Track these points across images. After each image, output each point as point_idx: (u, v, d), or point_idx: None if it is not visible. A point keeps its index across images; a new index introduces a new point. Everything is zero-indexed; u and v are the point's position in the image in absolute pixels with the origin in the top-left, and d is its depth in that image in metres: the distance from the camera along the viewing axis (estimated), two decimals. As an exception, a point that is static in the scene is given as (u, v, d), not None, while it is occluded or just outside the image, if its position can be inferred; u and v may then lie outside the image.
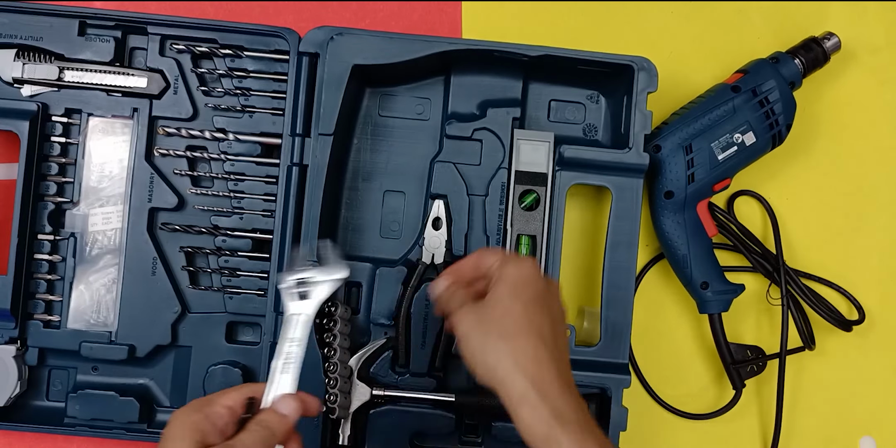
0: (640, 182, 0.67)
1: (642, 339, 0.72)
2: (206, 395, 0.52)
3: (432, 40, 0.65)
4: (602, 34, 0.74)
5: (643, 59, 0.66)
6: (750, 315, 0.74)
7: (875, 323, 0.74)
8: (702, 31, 0.75)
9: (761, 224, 0.74)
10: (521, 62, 0.67)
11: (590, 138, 0.71)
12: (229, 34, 0.67)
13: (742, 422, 0.73)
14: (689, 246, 0.69)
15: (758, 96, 0.68)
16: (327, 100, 0.65)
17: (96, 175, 0.69)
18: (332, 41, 0.65)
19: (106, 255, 0.68)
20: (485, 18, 0.74)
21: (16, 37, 0.67)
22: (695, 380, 0.74)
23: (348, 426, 0.65)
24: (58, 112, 0.68)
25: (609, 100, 0.71)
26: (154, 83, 0.68)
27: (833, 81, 0.75)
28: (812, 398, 0.73)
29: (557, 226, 0.67)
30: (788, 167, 0.74)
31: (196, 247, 0.68)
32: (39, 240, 0.67)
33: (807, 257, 0.74)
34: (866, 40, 0.75)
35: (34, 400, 0.68)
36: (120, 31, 0.68)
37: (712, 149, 0.68)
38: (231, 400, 0.50)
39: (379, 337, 0.68)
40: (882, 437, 0.74)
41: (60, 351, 0.68)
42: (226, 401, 0.50)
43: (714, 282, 0.70)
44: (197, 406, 0.50)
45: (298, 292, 0.56)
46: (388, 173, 0.70)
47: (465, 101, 0.69)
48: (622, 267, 0.66)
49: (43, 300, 0.68)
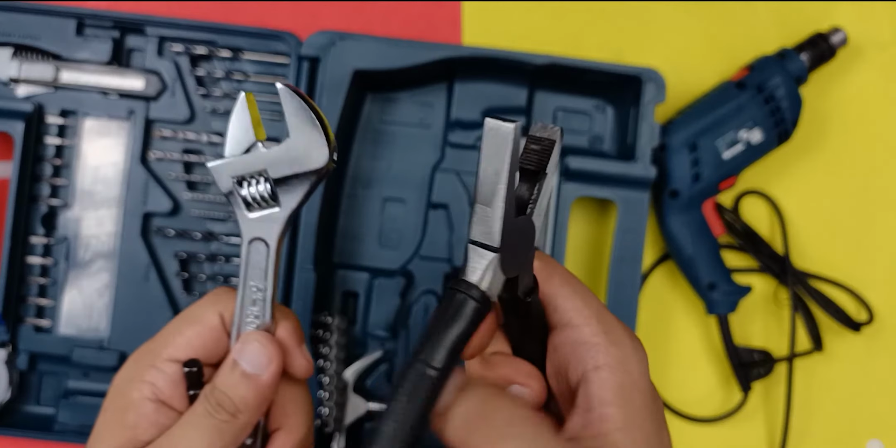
0: (646, 195, 0.65)
1: (648, 340, 0.70)
2: (154, 340, 0.41)
3: (435, 46, 0.64)
4: (606, 31, 0.73)
5: (651, 71, 0.64)
6: (758, 317, 0.73)
7: (884, 323, 0.73)
8: (708, 28, 0.74)
9: (768, 224, 0.73)
10: (527, 69, 0.65)
11: (595, 149, 0.70)
12: (228, 36, 0.66)
13: (749, 425, 0.72)
14: (694, 246, 0.68)
15: (763, 93, 0.67)
16: (327, 105, 0.63)
17: (91, 178, 0.67)
18: (334, 46, 0.63)
19: (99, 259, 0.67)
20: (485, 16, 0.72)
21: (12, 36, 0.66)
22: (701, 382, 0.72)
23: (343, 440, 0.63)
24: (53, 113, 0.66)
25: (616, 110, 0.69)
26: (151, 85, 0.66)
27: (840, 78, 0.74)
28: (820, 401, 0.72)
29: (561, 238, 0.65)
30: (795, 166, 0.73)
31: (190, 252, 0.67)
32: (32, 243, 0.66)
33: (815, 257, 0.73)
34: (874, 36, 0.74)
35: (24, 405, 0.67)
36: (118, 31, 0.67)
37: (717, 147, 0.67)
38: (185, 348, 0.40)
39: (375, 349, 0.66)
40: (890, 439, 0.73)
41: (52, 356, 0.66)
42: (176, 352, 0.40)
43: (721, 282, 0.68)
44: (134, 373, 0.40)
45: (249, 195, 0.39)
46: (388, 181, 0.68)
47: (468, 108, 0.68)
48: (626, 282, 0.65)
49: (35, 304, 0.66)
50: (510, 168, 0.32)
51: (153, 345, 0.41)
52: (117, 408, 0.40)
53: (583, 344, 0.37)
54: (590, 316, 0.38)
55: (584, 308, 0.38)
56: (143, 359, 0.41)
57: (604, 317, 0.38)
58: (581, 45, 0.72)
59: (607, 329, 0.37)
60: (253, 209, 0.39)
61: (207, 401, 0.39)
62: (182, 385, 0.40)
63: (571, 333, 0.37)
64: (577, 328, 0.37)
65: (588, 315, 0.38)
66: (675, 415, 0.71)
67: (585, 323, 0.37)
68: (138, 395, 0.40)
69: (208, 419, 0.38)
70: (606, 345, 0.37)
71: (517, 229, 0.35)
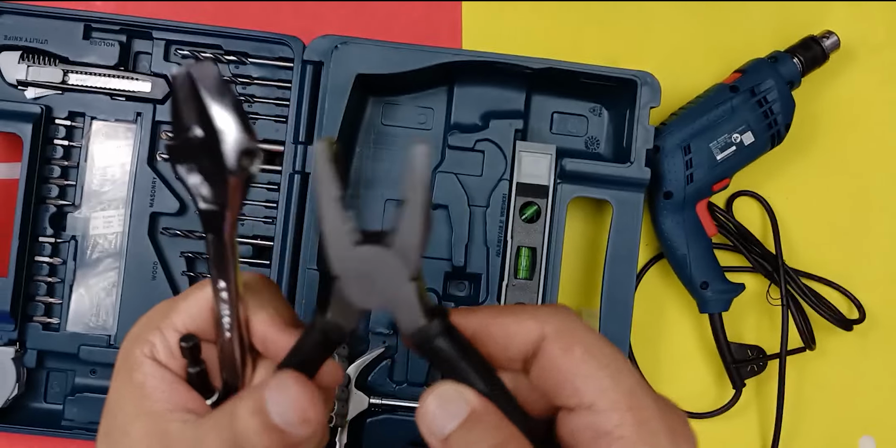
0: (640, 196, 0.67)
1: (642, 338, 0.72)
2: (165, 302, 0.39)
3: (436, 51, 0.65)
4: (602, 35, 0.74)
5: (646, 74, 0.66)
6: (750, 315, 0.74)
7: (876, 322, 0.74)
8: (702, 31, 0.75)
9: (761, 224, 0.74)
10: (525, 73, 0.67)
11: (591, 151, 0.71)
12: (234, 40, 0.67)
13: (742, 421, 0.73)
14: (688, 246, 0.70)
15: (756, 96, 0.69)
16: (330, 108, 0.65)
17: (98, 178, 0.69)
18: (337, 50, 0.65)
19: (106, 258, 0.69)
20: (485, 17, 0.74)
21: (21, 39, 0.67)
22: (695, 379, 0.74)
23: (345, 435, 0.65)
24: (61, 115, 0.68)
25: (611, 113, 0.71)
26: (158, 88, 0.68)
27: (833, 80, 0.75)
28: (812, 398, 0.74)
29: (558, 238, 0.67)
30: (788, 167, 0.75)
31: (197, 252, 0.68)
32: (40, 242, 0.68)
33: (807, 257, 0.74)
34: (866, 39, 0.75)
35: (32, 402, 0.68)
36: (125, 35, 0.68)
37: (711, 149, 0.68)
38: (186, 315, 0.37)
39: (377, 345, 0.68)
40: (881, 436, 0.74)
41: (59, 353, 0.68)
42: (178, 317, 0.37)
43: (714, 281, 0.70)
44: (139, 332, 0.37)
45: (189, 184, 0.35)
46: (389, 182, 0.70)
47: (467, 111, 0.69)
48: (621, 281, 0.66)
49: (43, 303, 0.68)
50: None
51: (165, 306, 0.39)
52: (126, 367, 0.37)
53: (606, 434, 0.31)
54: (618, 400, 0.31)
55: (612, 389, 0.31)
56: (151, 320, 0.38)
57: (637, 400, 0.31)
58: (577, 48, 0.73)
59: (640, 418, 0.31)
60: (200, 200, 0.36)
61: (221, 435, 0.33)
62: (180, 355, 0.37)
63: (592, 419, 0.31)
64: (601, 414, 0.31)
65: (616, 399, 0.31)
66: (669, 410, 0.72)
67: (612, 407, 0.31)
68: (139, 354, 0.37)
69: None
70: (635, 440, 0.30)
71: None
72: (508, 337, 0.33)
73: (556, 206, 0.67)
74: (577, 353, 0.32)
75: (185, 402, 0.36)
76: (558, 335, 0.32)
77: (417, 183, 0.31)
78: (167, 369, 0.37)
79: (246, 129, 0.33)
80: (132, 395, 0.36)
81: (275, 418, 0.32)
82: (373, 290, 0.32)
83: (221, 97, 0.33)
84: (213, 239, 0.36)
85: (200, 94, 0.33)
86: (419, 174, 0.31)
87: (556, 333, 0.32)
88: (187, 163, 0.35)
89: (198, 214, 0.36)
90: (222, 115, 0.33)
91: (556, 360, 0.32)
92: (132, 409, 0.36)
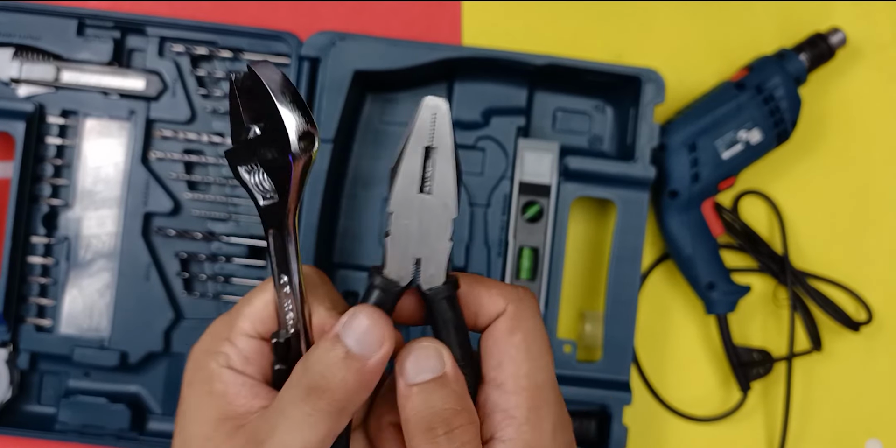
0: (645, 195, 0.65)
1: (647, 340, 0.71)
2: (230, 312, 0.40)
3: (435, 47, 0.64)
4: (605, 31, 0.73)
5: (650, 71, 0.64)
6: (757, 317, 0.73)
7: (883, 323, 0.73)
8: (707, 28, 0.74)
9: (767, 224, 0.73)
10: (527, 70, 0.65)
11: (595, 149, 0.70)
12: (229, 36, 0.66)
13: (748, 424, 0.72)
14: (694, 246, 0.68)
15: (762, 93, 0.67)
16: (328, 105, 0.64)
17: (91, 178, 0.68)
18: (334, 46, 0.63)
19: (100, 259, 0.67)
20: (485, 16, 0.72)
21: (13, 36, 0.66)
22: (700, 382, 0.73)
23: (342, 439, 0.64)
24: (54, 113, 0.67)
25: (615, 110, 0.69)
26: (152, 85, 0.67)
27: (840, 78, 0.74)
28: (819, 400, 0.72)
29: (560, 238, 0.65)
30: (795, 166, 0.73)
31: (191, 252, 0.67)
32: (33, 242, 0.66)
33: (814, 257, 0.73)
34: (873, 36, 0.74)
35: (25, 405, 0.67)
36: (118, 31, 0.67)
37: (717, 147, 0.67)
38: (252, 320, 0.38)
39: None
40: (889, 439, 0.73)
41: (52, 356, 0.67)
42: (244, 323, 0.38)
43: (720, 282, 0.69)
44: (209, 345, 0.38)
45: (251, 183, 0.38)
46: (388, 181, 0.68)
47: (468, 108, 0.68)
48: (626, 282, 0.65)
49: (35, 304, 0.67)
50: None
51: (228, 317, 0.40)
52: (201, 379, 0.38)
53: (503, 411, 0.36)
54: (525, 387, 0.36)
55: (524, 377, 0.36)
56: (218, 332, 0.39)
57: (540, 392, 0.36)
58: (581, 46, 0.72)
59: (534, 405, 0.36)
60: (260, 198, 0.38)
61: (299, 384, 0.35)
62: (255, 360, 0.38)
63: (498, 395, 0.36)
64: (506, 394, 0.36)
65: (524, 386, 0.36)
66: (674, 414, 0.71)
67: (516, 391, 0.36)
68: (216, 366, 0.38)
69: (299, 408, 0.34)
70: (522, 422, 0.35)
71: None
72: (480, 306, 0.37)
73: (559, 205, 0.66)
74: (517, 339, 0.36)
75: (268, 402, 0.38)
76: (511, 316, 0.37)
77: (445, 132, 0.37)
78: (245, 375, 0.38)
79: (305, 115, 0.35)
80: (215, 404, 0.37)
81: (352, 346, 0.34)
82: (420, 239, 0.36)
83: (286, 90, 0.35)
84: (275, 234, 0.37)
85: (263, 91, 0.35)
86: (443, 124, 0.37)
87: (511, 314, 0.37)
88: (248, 163, 0.37)
89: (259, 212, 0.38)
90: (287, 106, 0.35)
91: (498, 336, 0.36)
92: (215, 414, 0.37)
